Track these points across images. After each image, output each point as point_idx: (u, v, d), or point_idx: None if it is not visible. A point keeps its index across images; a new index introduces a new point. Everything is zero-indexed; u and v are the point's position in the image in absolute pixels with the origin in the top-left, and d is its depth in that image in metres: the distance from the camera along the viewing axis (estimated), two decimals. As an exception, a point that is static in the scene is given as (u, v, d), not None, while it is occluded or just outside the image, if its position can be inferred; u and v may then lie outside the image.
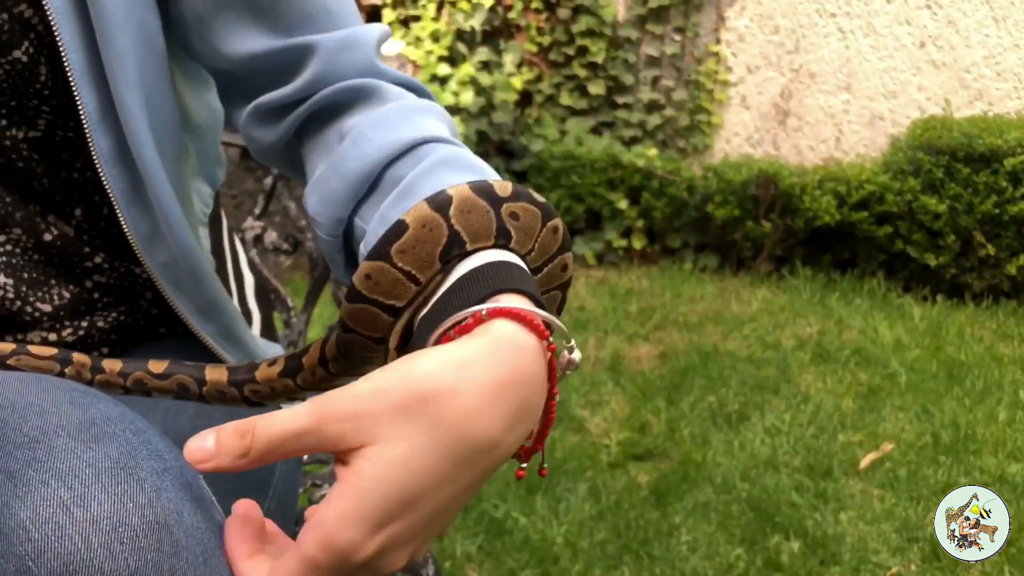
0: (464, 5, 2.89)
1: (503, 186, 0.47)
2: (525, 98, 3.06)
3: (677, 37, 3.07)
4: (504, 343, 0.41)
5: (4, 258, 0.61)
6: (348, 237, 0.55)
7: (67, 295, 0.65)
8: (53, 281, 0.64)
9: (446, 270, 0.47)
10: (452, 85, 2.89)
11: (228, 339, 0.67)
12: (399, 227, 0.46)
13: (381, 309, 0.47)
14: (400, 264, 0.46)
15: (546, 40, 3.02)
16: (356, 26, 0.59)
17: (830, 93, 3.10)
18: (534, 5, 2.99)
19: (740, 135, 3.17)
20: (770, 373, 2.31)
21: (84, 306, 0.65)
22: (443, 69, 2.89)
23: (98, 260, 0.65)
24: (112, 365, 0.54)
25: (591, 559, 1.58)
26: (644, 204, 2.94)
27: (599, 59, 3.01)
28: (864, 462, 1.94)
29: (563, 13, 2.98)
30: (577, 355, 0.45)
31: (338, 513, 0.39)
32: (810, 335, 2.57)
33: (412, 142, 0.52)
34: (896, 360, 2.41)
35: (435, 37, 2.89)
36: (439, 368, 0.40)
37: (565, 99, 3.06)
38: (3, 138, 0.59)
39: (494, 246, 0.47)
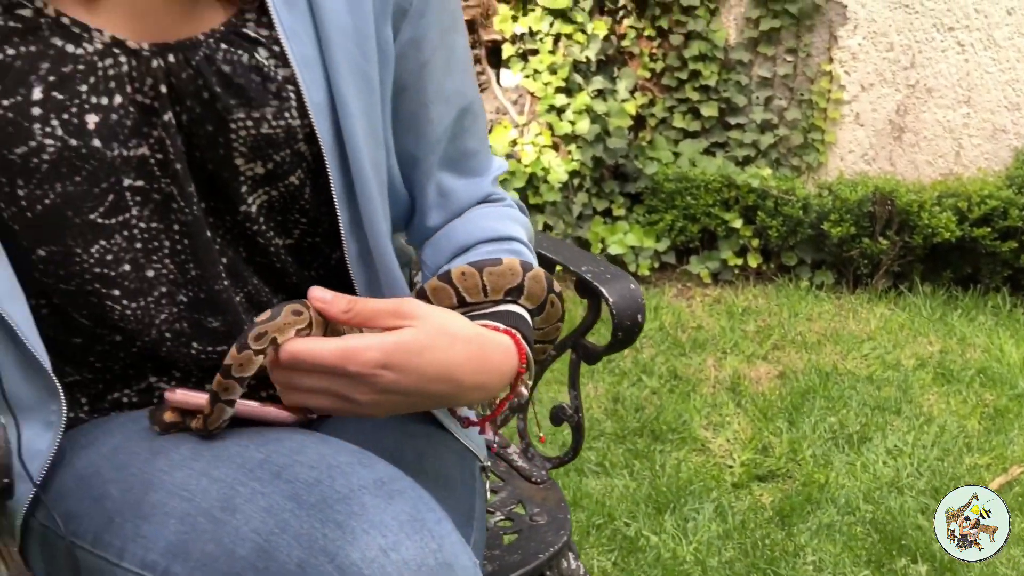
0: (580, 37, 3.00)
1: (558, 284, 0.78)
2: (638, 122, 3.15)
3: (789, 58, 3.11)
4: (503, 348, 0.71)
5: None
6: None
7: None
8: None
9: (501, 301, 0.77)
10: (569, 115, 3.01)
11: None
12: (498, 261, 0.76)
13: (455, 294, 0.75)
14: (484, 279, 0.75)
15: (658, 66, 3.10)
16: (488, 171, 0.87)
17: (948, 107, 3.08)
18: (647, 32, 3.08)
19: (855, 152, 3.17)
20: (891, 393, 2.33)
21: None
22: (560, 100, 3.01)
23: None
24: None
25: (720, 577, 1.66)
26: (759, 223, 2.99)
27: (711, 82, 3.08)
28: (992, 485, 1.95)
29: (675, 39, 3.06)
30: (525, 391, 0.74)
31: (379, 342, 0.64)
32: (931, 354, 2.57)
33: (503, 235, 0.83)
34: None
35: (552, 69, 3.01)
36: (467, 330, 0.69)
37: (678, 122, 3.13)
38: (269, 245, 0.74)
39: (531, 310, 0.78)
